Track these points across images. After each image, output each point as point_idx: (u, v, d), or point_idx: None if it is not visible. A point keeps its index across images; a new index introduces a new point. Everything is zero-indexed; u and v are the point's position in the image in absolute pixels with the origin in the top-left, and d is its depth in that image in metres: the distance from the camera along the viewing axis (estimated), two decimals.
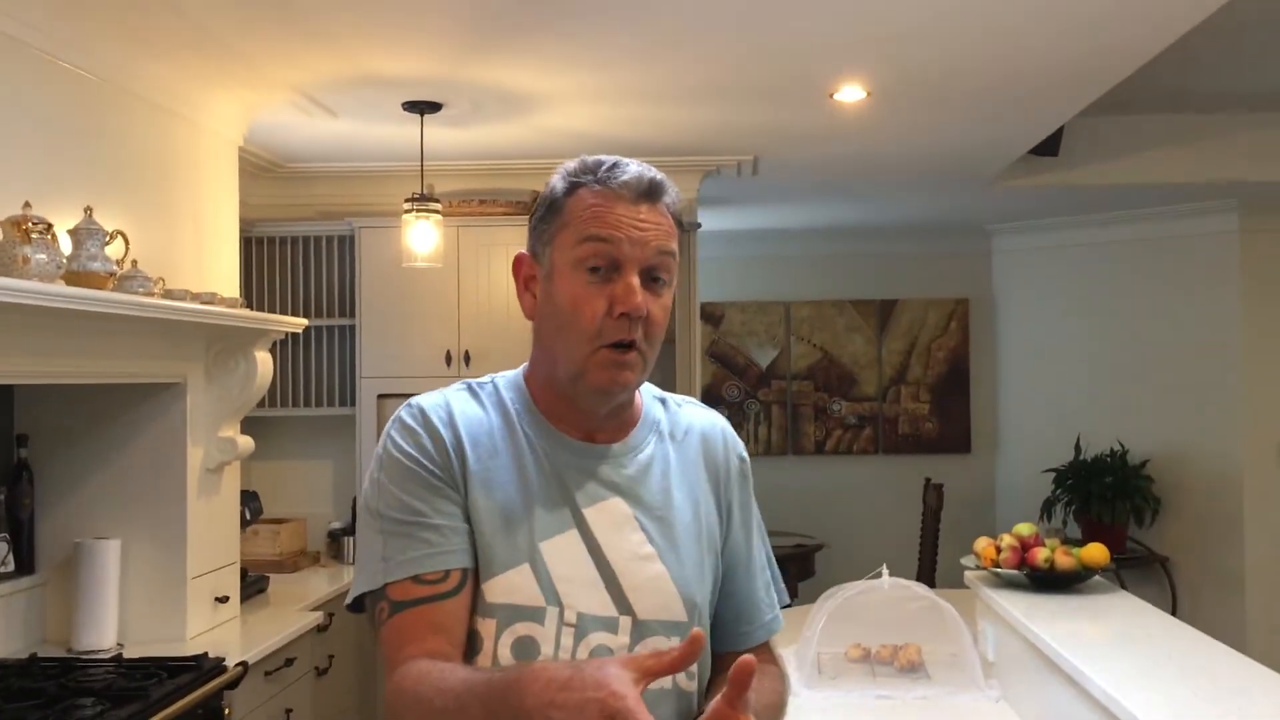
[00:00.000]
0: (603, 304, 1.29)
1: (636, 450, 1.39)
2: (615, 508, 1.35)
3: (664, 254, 1.32)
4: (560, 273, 1.32)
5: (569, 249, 1.32)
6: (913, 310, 7.38)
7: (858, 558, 4.70)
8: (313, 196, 5.02)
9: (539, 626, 1.28)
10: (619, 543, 1.33)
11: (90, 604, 3.06)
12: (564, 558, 1.31)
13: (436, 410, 1.36)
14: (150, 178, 3.21)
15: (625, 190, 1.31)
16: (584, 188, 1.33)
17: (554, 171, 1.38)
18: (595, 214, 1.31)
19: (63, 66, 2.79)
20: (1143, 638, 2.48)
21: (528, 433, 1.37)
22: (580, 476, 1.35)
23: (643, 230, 1.31)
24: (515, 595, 1.29)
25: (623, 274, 1.30)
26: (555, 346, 1.34)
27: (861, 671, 2.98)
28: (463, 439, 1.34)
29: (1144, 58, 3.46)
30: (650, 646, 1.30)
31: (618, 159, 1.35)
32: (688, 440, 1.44)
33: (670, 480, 1.39)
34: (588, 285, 1.30)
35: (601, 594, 1.31)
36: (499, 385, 1.42)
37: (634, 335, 1.30)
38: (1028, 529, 2.95)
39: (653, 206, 1.33)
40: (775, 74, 3.63)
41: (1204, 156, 5.27)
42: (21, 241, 2.38)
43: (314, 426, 4.94)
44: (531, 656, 1.27)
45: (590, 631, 1.29)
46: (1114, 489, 6.05)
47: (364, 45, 3.29)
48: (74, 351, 2.75)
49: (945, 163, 5.01)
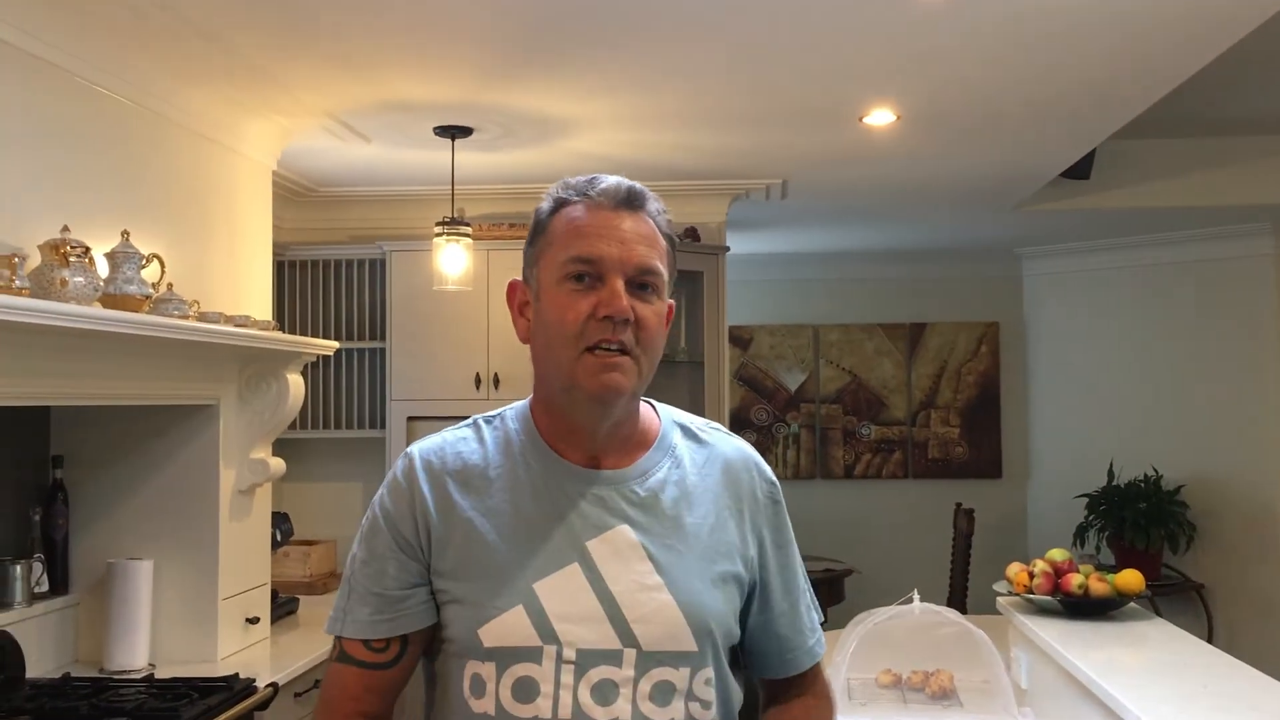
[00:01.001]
0: (586, 308, 1.30)
1: (646, 475, 1.38)
2: (620, 537, 1.33)
3: (648, 260, 1.33)
4: (546, 289, 1.34)
5: (554, 266, 1.33)
6: (942, 334, 7.34)
7: (887, 583, 4.67)
8: (344, 220, 5.07)
9: (536, 666, 1.28)
10: (624, 574, 1.32)
11: (123, 624, 3.08)
12: (562, 595, 1.30)
13: (426, 460, 1.39)
14: (186, 202, 3.25)
15: (604, 199, 1.34)
16: (567, 205, 1.36)
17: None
18: (577, 228, 1.33)
19: (100, 92, 2.84)
20: (1180, 665, 2.45)
21: (531, 464, 1.37)
22: (584, 505, 1.34)
23: (624, 238, 1.32)
24: (509, 638, 1.29)
25: (606, 281, 1.30)
26: (546, 361, 1.35)
27: (892, 698, 2.95)
28: (449, 489, 1.36)
29: (1175, 81, 3.44)
30: (656, 678, 1.29)
31: (598, 174, 1.37)
32: (710, 466, 1.42)
33: (685, 506, 1.37)
34: (572, 293, 1.31)
35: (604, 627, 1.29)
36: (507, 417, 1.43)
37: (619, 336, 1.29)
38: (1061, 554, 2.93)
39: (634, 214, 1.34)
40: (805, 98, 3.63)
41: (1237, 179, 5.23)
42: (60, 265, 2.42)
43: (344, 448, 4.97)
44: (531, 697, 1.28)
45: (591, 667, 1.28)
46: (1148, 515, 5.97)
47: (396, 71, 3.33)
48: (109, 374, 2.78)
49: (976, 186, 4.99)
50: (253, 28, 2.94)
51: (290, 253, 4.81)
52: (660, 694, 1.29)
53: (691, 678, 1.31)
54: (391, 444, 4.68)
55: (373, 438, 4.81)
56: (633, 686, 1.28)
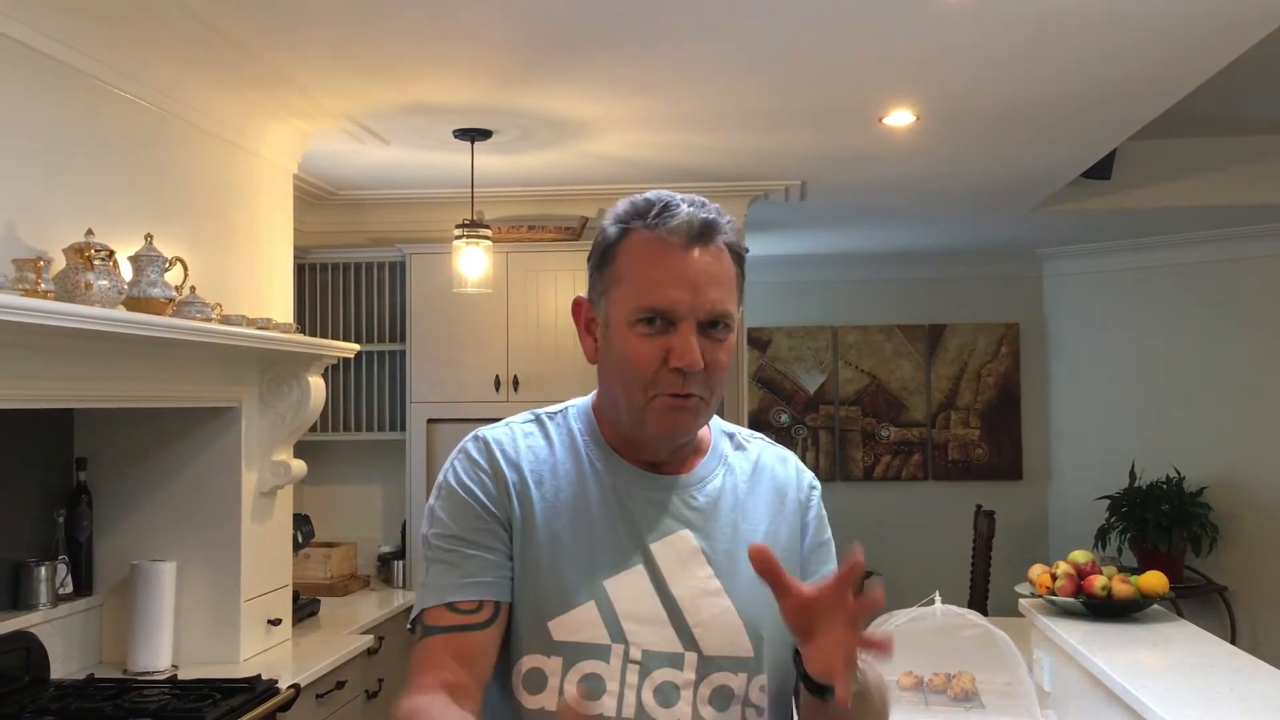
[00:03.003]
0: (658, 354, 1.27)
1: (705, 481, 1.38)
2: (682, 542, 1.34)
3: (720, 306, 1.29)
4: (616, 328, 1.31)
5: (624, 307, 1.30)
6: (962, 335, 7.32)
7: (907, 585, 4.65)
8: (364, 223, 5.09)
9: (604, 664, 1.28)
10: (685, 578, 1.32)
11: (146, 625, 3.10)
12: (629, 594, 1.30)
13: (501, 445, 1.36)
14: (208, 205, 3.27)
15: (676, 237, 1.28)
16: (634, 233, 1.31)
17: (605, 212, 1.36)
18: (647, 268, 1.29)
19: (124, 97, 2.86)
20: (1205, 668, 2.43)
21: (595, 464, 1.37)
22: (648, 508, 1.34)
23: (697, 282, 1.28)
24: (580, 633, 1.28)
25: (679, 329, 1.28)
26: (615, 393, 1.34)
27: (914, 700, 2.94)
28: (526, 476, 1.35)
29: (1196, 81, 3.42)
30: (715, 683, 1.30)
31: (668, 200, 1.31)
32: (758, 475, 1.42)
33: (740, 513, 1.38)
34: (643, 338, 1.28)
35: (667, 631, 1.30)
36: (569, 415, 1.42)
37: (689, 389, 1.28)
38: (1084, 556, 2.91)
39: (706, 249, 1.30)
40: (825, 99, 3.63)
41: (1259, 179, 5.20)
42: (84, 268, 2.43)
43: (365, 451, 4.98)
44: (598, 694, 1.27)
45: (655, 669, 1.28)
46: (1170, 517, 5.94)
47: (416, 74, 3.34)
48: (133, 376, 2.80)
49: (996, 186, 4.97)
50: (273, 31, 2.96)
51: (310, 256, 4.83)
52: (719, 699, 1.30)
53: (748, 684, 1.31)
54: (411, 446, 4.69)
55: (393, 440, 4.82)
56: (693, 690, 1.29)
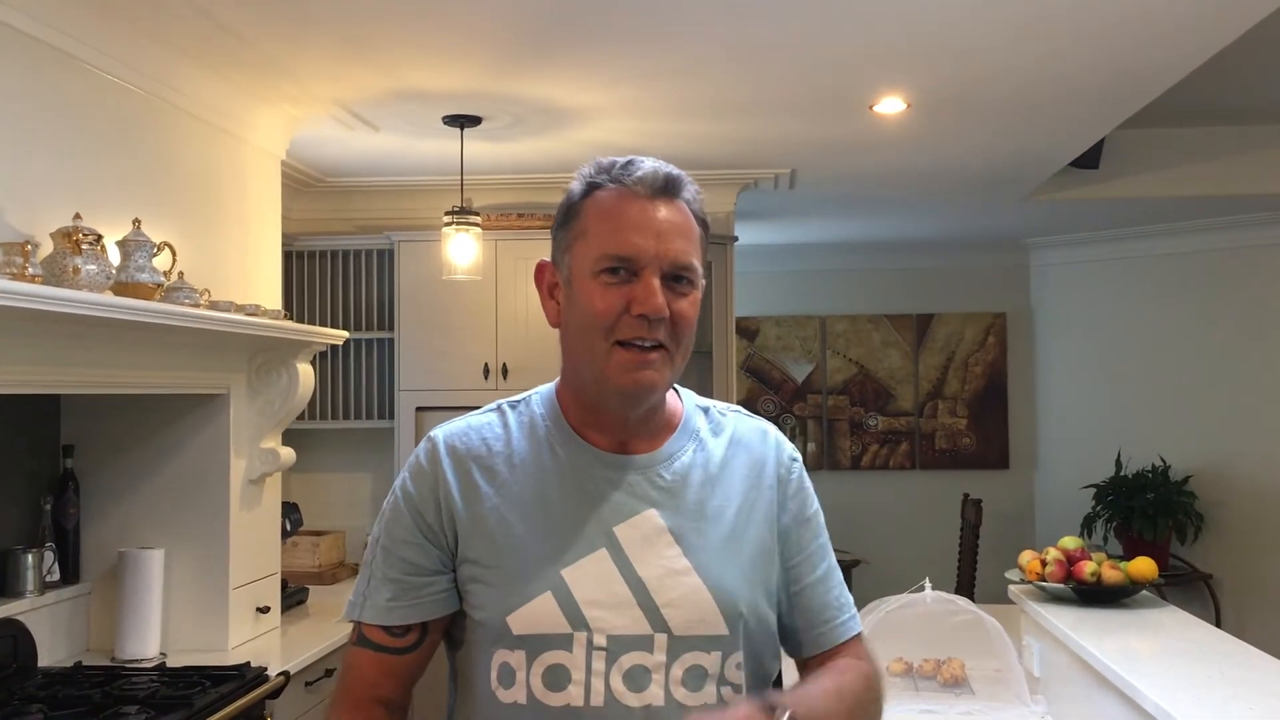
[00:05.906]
0: (620, 302, 1.27)
1: (673, 458, 1.36)
2: (647, 521, 1.32)
3: (684, 256, 1.30)
4: (579, 280, 1.31)
5: (587, 257, 1.30)
6: (950, 325, 7.33)
7: (895, 573, 4.67)
8: (353, 210, 5.07)
9: (567, 654, 1.27)
10: (652, 558, 1.30)
11: (134, 613, 3.09)
12: (591, 581, 1.29)
13: (451, 445, 1.37)
14: (196, 191, 3.25)
15: (640, 187, 1.30)
16: (600, 189, 1.32)
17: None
18: (611, 218, 1.29)
19: (112, 81, 2.83)
20: (1194, 652, 2.44)
21: (557, 450, 1.35)
22: (611, 491, 1.33)
23: (660, 230, 1.29)
24: (539, 625, 1.27)
25: (642, 276, 1.28)
26: (577, 351, 1.33)
27: (904, 686, 2.95)
28: (475, 475, 1.34)
29: (1185, 70, 3.42)
30: (688, 663, 1.28)
31: (633, 157, 1.33)
32: (733, 448, 1.40)
33: (711, 488, 1.36)
34: (606, 287, 1.28)
35: (634, 613, 1.28)
36: (532, 401, 1.42)
37: (655, 335, 1.28)
38: (1073, 542, 2.91)
39: (670, 203, 1.31)
40: (816, 87, 3.62)
41: (1246, 169, 5.22)
42: (72, 252, 2.42)
43: (353, 439, 4.97)
44: (563, 685, 1.26)
45: (623, 653, 1.27)
46: (1156, 505, 5.97)
47: (405, 60, 3.32)
48: (120, 362, 2.78)
49: (984, 175, 4.98)
50: (262, 15, 2.93)
51: (298, 243, 4.81)
52: (693, 679, 1.28)
53: (723, 661, 1.30)
54: (400, 434, 4.68)
55: (381, 428, 4.81)
56: (665, 672, 1.27)
